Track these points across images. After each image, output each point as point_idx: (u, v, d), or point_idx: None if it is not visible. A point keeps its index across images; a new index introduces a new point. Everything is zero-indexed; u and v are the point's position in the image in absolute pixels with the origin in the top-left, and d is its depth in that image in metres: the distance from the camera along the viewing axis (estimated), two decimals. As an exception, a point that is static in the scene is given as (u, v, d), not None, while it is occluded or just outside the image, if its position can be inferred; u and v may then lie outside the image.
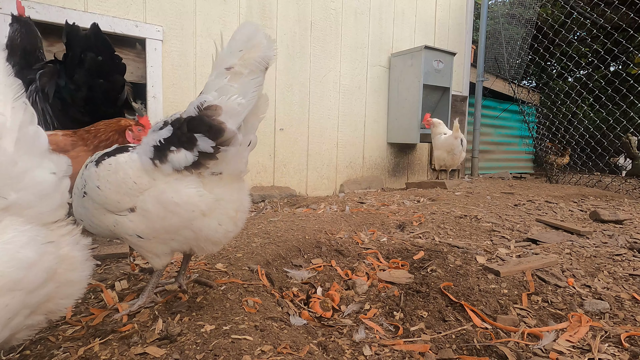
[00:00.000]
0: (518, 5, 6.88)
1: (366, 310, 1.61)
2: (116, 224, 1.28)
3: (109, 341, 1.20)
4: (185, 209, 1.23)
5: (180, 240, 1.31)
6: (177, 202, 1.22)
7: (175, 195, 1.22)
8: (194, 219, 1.25)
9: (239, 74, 1.16)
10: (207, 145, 1.16)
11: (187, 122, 1.17)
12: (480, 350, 1.27)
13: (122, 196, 1.25)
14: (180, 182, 1.23)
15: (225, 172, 1.26)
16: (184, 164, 1.20)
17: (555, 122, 5.94)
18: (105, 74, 1.89)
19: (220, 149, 1.17)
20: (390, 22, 5.28)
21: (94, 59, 1.80)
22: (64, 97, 1.88)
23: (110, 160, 1.30)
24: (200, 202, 1.23)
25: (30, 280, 0.86)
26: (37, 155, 0.92)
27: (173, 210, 1.23)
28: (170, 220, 1.24)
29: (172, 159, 1.20)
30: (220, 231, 1.31)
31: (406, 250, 2.12)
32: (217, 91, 1.15)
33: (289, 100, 4.46)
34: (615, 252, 2.01)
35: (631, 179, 5.79)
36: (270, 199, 4.05)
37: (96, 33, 1.81)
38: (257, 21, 4.14)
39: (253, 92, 1.17)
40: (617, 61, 7.65)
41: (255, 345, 1.17)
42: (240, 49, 1.15)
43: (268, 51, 1.17)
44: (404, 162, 5.66)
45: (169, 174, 1.23)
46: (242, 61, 1.15)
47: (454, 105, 5.84)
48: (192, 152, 1.18)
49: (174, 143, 1.19)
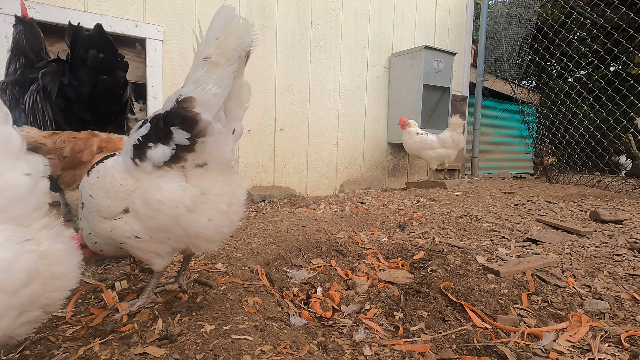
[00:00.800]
0: (518, 5, 6.88)
1: (366, 310, 1.61)
2: (113, 229, 1.26)
3: (109, 341, 1.20)
4: (168, 206, 1.19)
5: (176, 239, 1.27)
6: (159, 199, 1.18)
7: (158, 192, 1.18)
8: (180, 216, 1.20)
9: (216, 65, 1.11)
10: (182, 137, 1.12)
11: (164, 117, 1.15)
12: (480, 350, 1.27)
13: (112, 200, 1.24)
14: (162, 179, 1.19)
15: (210, 163, 1.21)
16: (162, 160, 1.17)
17: (555, 122, 5.94)
18: (108, 71, 1.90)
19: (197, 141, 1.14)
20: (390, 22, 5.28)
21: (95, 56, 1.82)
22: (67, 95, 1.88)
23: (99, 166, 1.30)
24: (183, 197, 1.18)
25: (10, 282, 0.83)
26: (9, 157, 0.88)
27: (158, 209, 1.19)
28: (159, 219, 1.21)
29: (150, 156, 1.17)
30: (211, 227, 1.25)
31: (406, 250, 2.12)
32: (194, 83, 1.11)
33: (289, 100, 4.46)
34: (615, 252, 2.01)
35: (631, 179, 5.79)
36: (270, 199, 4.05)
37: (99, 32, 1.84)
38: (257, 21, 4.14)
39: (228, 80, 1.13)
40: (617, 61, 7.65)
41: (255, 345, 1.17)
42: (217, 37, 1.09)
43: (246, 37, 1.11)
44: (404, 162, 5.66)
45: (151, 172, 1.20)
46: (219, 50, 1.10)
47: (454, 105, 5.84)
48: (169, 146, 1.15)
49: (152, 139, 1.17)
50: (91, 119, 1.97)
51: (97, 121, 2.00)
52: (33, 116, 1.92)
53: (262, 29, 4.19)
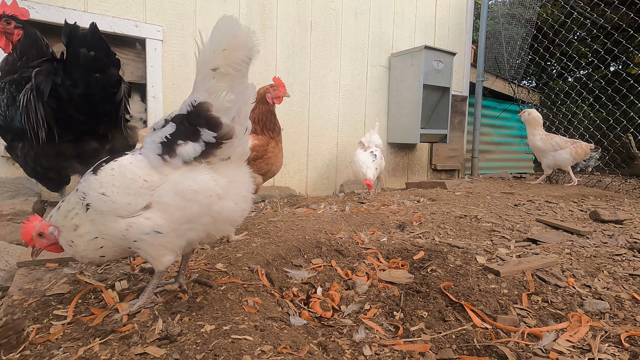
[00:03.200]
0: (518, 5, 6.88)
1: (366, 310, 1.61)
2: (129, 227, 1.27)
3: (109, 341, 1.20)
4: (203, 195, 1.28)
5: (199, 229, 1.35)
6: (195, 189, 1.27)
7: (193, 183, 1.27)
8: (212, 204, 1.30)
9: (225, 74, 1.20)
10: (209, 136, 1.24)
11: (187, 117, 1.25)
12: (480, 350, 1.27)
13: (133, 197, 1.26)
14: (193, 172, 1.29)
15: (232, 157, 1.34)
16: (193, 155, 1.26)
17: (555, 122, 5.94)
18: (100, 68, 1.88)
19: (223, 141, 1.26)
20: (390, 22, 5.28)
21: (86, 54, 1.80)
22: (60, 95, 1.87)
23: (111, 165, 1.32)
24: (216, 186, 1.30)
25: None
26: None
27: (192, 199, 1.27)
28: (191, 209, 1.29)
29: (181, 152, 1.26)
30: (238, 210, 1.38)
31: (406, 250, 2.12)
32: (207, 91, 1.21)
33: (289, 100, 4.46)
34: (615, 252, 2.01)
35: (631, 179, 5.78)
36: (270, 199, 4.05)
37: (93, 31, 1.83)
38: (257, 21, 4.15)
39: (239, 86, 1.24)
40: (617, 61, 7.65)
41: (255, 345, 1.17)
42: (224, 48, 1.17)
43: (252, 49, 1.21)
44: (404, 162, 5.66)
45: (179, 167, 1.28)
46: (227, 61, 1.17)
47: (454, 105, 5.85)
48: (199, 143, 1.25)
49: (181, 137, 1.26)
50: (84, 120, 1.95)
51: (90, 121, 1.98)
52: (27, 115, 1.91)
53: (262, 29, 4.19)
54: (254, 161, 2.37)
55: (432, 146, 5.90)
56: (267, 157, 2.47)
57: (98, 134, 2.07)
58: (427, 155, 5.93)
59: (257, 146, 2.42)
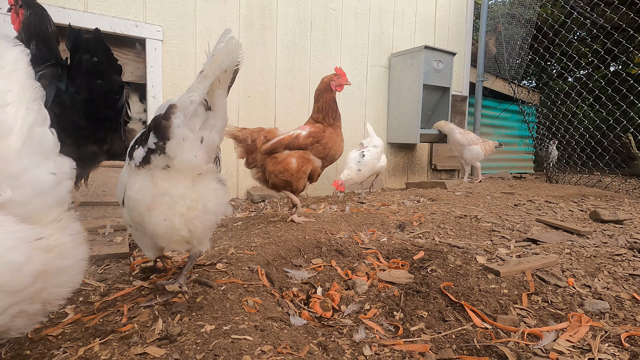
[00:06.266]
0: (518, 5, 6.88)
1: (366, 310, 1.61)
2: (121, 215, 1.44)
3: (109, 341, 1.20)
4: (133, 202, 1.31)
5: (145, 234, 1.38)
6: (129, 195, 1.33)
7: (129, 189, 1.33)
8: (142, 213, 1.31)
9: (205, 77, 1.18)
10: (152, 140, 1.24)
11: (152, 121, 1.28)
12: (480, 350, 1.27)
13: (119, 192, 1.43)
14: (136, 176, 1.32)
15: (172, 167, 1.27)
16: (139, 160, 1.29)
17: (555, 122, 5.94)
18: (102, 74, 1.88)
19: (161, 144, 1.23)
20: (390, 22, 5.28)
21: (89, 60, 1.80)
22: (63, 100, 1.86)
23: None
24: (145, 195, 1.29)
25: (17, 283, 0.86)
26: (40, 156, 0.96)
27: (128, 204, 1.34)
28: (131, 213, 1.35)
29: (134, 156, 1.31)
30: (165, 226, 1.30)
31: (406, 250, 2.12)
32: (186, 91, 1.21)
33: (289, 100, 4.46)
34: (615, 252, 2.01)
35: (631, 179, 5.78)
36: (270, 199, 4.05)
37: (96, 37, 1.84)
38: (257, 21, 4.14)
39: (204, 89, 1.19)
40: (617, 61, 7.65)
41: (255, 345, 1.17)
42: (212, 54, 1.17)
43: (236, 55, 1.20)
44: (404, 162, 5.66)
45: (135, 170, 1.33)
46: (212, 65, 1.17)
47: (454, 105, 5.85)
48: (144, 148, 1.27)
49: (138, 141, 1.31)
50: (85, 125, 1.95)
51: (92, 126, 1.98)
52: None
53: (262, 29, 4.19)
54: (311, 145, 2.64)
55: (432, 146, 5.90)
56: (324, 141, 2.67)
57: (97, 138, 2.07)
58: (427, 155, 5.93)
59: (312, 132, 2.66)
